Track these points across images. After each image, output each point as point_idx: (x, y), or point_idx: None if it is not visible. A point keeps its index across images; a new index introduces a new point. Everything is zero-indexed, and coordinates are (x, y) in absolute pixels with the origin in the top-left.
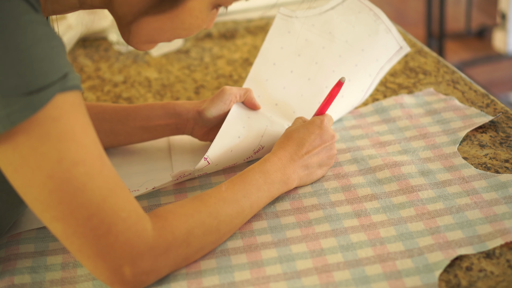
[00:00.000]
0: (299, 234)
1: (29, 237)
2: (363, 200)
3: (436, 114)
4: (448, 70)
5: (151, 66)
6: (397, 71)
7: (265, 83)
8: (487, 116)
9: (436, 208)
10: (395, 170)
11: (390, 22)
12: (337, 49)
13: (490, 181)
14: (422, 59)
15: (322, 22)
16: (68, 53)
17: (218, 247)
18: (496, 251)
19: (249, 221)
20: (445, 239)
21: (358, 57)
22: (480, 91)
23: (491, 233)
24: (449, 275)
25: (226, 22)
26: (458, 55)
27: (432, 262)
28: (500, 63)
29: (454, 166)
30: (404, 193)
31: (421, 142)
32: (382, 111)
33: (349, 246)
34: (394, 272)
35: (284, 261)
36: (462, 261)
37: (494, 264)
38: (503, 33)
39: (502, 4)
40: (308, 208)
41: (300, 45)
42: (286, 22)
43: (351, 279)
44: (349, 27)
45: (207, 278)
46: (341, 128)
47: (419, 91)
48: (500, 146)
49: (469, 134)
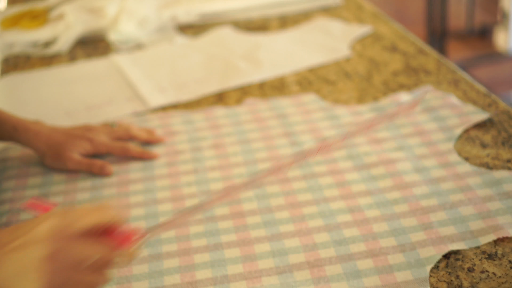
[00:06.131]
0: (292, 229)
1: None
2: (357, 196)
3: (433, 111)
4: (450, 69)
5: None
6: (398, 71)
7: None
8: (484, 113)
9: (429, 204)
10: (390, 166)
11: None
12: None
13: (485, 178)
14: (423, 58)
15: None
16: (67, 53)
17: (212, 241)
18: (498, 252)
19: (242, 216)
20: (438, 234)
21: None
22: (482, 91)
23: (483, 229)
24: (451, 276)
25: (225, 22)
26: (460, 54)
27: (423, 257)
28: (502, 62)
29: (449, 163)
30: (398, 189)
31: (417, 139)
32: (379, 109)
33: (342, 241)
34: (386, 266)
35: (277, 255)
36: (464, 262)
37: (496, 266)
38: (505, 32)
39: (504, 2)
40: (302, 203)
41: None
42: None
43: (342, 274)
44: None
45: (200, 272)
46: (337, 125)
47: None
48: (502, 146)
49: (470, 134)
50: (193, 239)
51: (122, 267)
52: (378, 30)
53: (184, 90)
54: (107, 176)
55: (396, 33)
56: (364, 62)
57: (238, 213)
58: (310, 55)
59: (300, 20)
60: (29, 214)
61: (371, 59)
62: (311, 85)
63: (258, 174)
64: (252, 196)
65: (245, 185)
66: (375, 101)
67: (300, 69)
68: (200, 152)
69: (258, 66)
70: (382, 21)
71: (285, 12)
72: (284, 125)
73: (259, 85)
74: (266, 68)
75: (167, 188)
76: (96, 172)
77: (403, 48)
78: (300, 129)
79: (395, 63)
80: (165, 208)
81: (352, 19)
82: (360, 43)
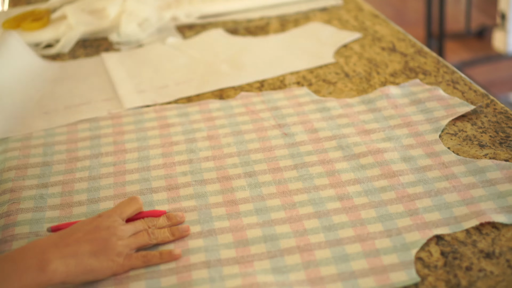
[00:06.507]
0: (283, 216)
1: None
2: (346, 184)
3: (420, 104)
4: (448, 70)
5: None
6: (397, 71)
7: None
8: (470, 106)
9: (416, 191)
10: (378, 156)
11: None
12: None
13: (469, 166)
14: (422, 59)
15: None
16: (69, 53)
17: (205, 227)
18: (496, 251)
19: (235, 203)
20: (423, 220)
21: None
22: (480, 91)
23: (467, 214)
24: (449, 275)
25: (226, 22)
26: (458, 55)
27: (409, 241)
28: (500, 63)
29: (435, 152)
30: (386, 177)
31: (405, 130)
32: (369, 101)
33: (331, 226)
34: (373, 250)
35: (269, 240)
36: (462, 261)
37: (494, 264)
38: (502, 33)
39: (502, 4)
40: (293, 191)
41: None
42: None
43: (331, 257)
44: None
45: (195, 256)
46: (327, 117)
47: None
48: (500, 146)
49: (468, 134)
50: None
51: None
52: (378, 31)
53: (162, 92)
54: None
55: (395, 34)
56: (363, 63)
57: (230, 201)
58: (293, 61)
59: (300, 21)
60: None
61: (371, 59)
62: (311, 85)
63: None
64: (244, 185)
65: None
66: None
67: (280, 75)
68: (194, 143)
69: (239, 70)
70: (381, 22)
71: (285, 13)
72: (277, 117)
73: (259, 84)
74: (247, 72)
75: (162, 177)
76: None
77: (402, 49)
78: (292, 120)
79: (394, 64)
80: (160, 197)
81: (352, 20)
82: (360, 44)
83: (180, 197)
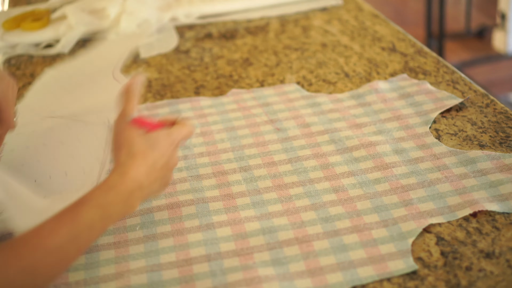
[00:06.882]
0: (280, 209)
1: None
2: (340, 177)
3: (409, 97)
4: (448, 70)
5: (151, 66)
6: (397, 71)
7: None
8: (457, 99)
9: (409, 182)
10: (370, 149)
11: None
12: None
13: (460, 158)
14: (422, 59)
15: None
16: (69, 53)
17: (204, 221)
18: (496, 251)
19: (232, 197)
20: (418, 210)
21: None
22: (480, 91)
23: (460, 203)
24: (449, 275)
25: (226, 22)
26: (458, 55)
27: (405, 230)
28: (500, 63)
29: (426, 144)
30: (379, 169)
31: (395, 123)
32: (358, 96)
33: (328, 218)
34: (370, 240)
35: (267, 232)
36: (462, 261)
37: (493, 264)
38: (502, 33)
39: (502, 4)
40: (289, 185)
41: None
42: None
43: (330, 248)
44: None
45: (195, 250)
46: (319, 112)
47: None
48: (500, 146)
49: (468, 134)
50: (186, 219)
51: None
52: (378, 31)
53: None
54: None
55: (395, 34)
56: (363, 63)
57: (227, 195)
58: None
59: (300, 21)
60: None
61: (371, 59)
62: (311, 85)
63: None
64: (240, 180)
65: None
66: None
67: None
68: (188, 140)
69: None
70: (381, 22)
71: (285, 13)
72: (268, 112)
73: (259, 84)
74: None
75: None
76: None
77: (402, 49)
78: (284, 116)
79: (394, 64)
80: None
81: (352, 20)
82: (360, 44)
83: (177, 192)
